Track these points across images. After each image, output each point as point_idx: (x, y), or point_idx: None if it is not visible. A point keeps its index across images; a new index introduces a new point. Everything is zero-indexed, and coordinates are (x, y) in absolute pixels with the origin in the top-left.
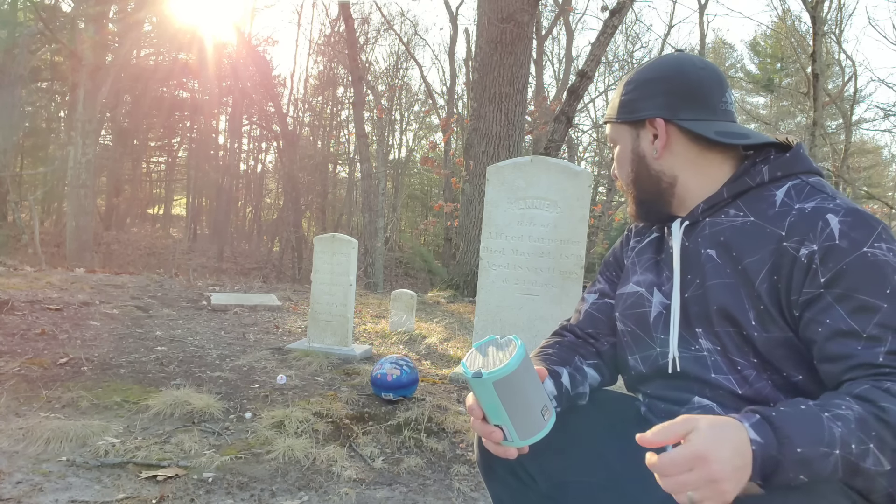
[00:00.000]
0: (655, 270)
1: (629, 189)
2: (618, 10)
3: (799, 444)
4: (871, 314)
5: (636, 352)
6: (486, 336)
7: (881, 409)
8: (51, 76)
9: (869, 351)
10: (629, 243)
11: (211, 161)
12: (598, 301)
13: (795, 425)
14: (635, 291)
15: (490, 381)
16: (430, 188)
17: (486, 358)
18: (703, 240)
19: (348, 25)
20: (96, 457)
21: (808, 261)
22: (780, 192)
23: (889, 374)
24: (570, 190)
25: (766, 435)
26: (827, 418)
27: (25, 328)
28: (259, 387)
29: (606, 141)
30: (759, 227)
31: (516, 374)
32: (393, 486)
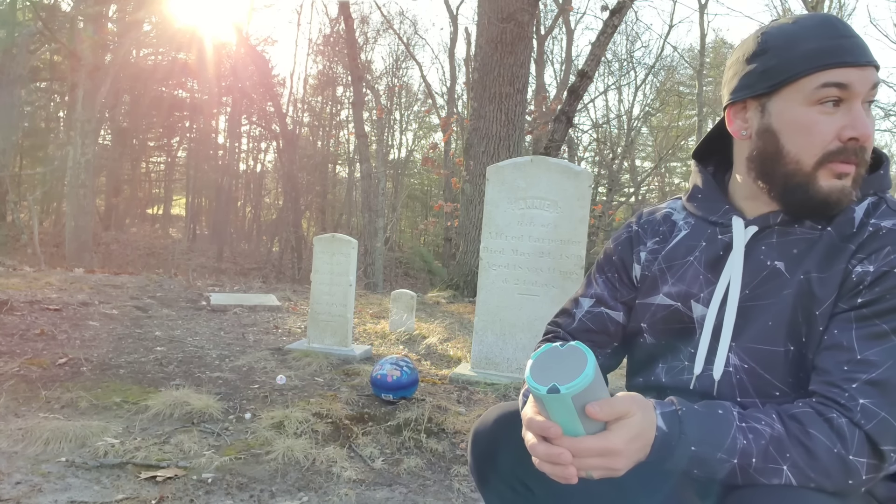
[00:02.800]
0: (690, 278)
1: (869, 159)
2: (618, 10)
3: (694, 443)
4: (880, 342)
5: (667, 361)
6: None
7: (808, 435)
8: (50, 76)
9: (850, 374)
10: (643, 242)
11: (210, 161)
12: (594, 309)
13: (699, 426)
14: (668, 305)
15: (569, 396)
16: (430, 188)
17: (553, 369)
18: (771, 249)
19: (348, 25)
20: (95, 457)
21: (858, 280)
22: (860, 209)
23: (844, 405)
24: (571, 190)
25: (671, 426)
26: (738, 428)
27: (24, 328)
28: (258, 387)
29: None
30: (835, 243)
31: (593, 385)
32: (393, 486)
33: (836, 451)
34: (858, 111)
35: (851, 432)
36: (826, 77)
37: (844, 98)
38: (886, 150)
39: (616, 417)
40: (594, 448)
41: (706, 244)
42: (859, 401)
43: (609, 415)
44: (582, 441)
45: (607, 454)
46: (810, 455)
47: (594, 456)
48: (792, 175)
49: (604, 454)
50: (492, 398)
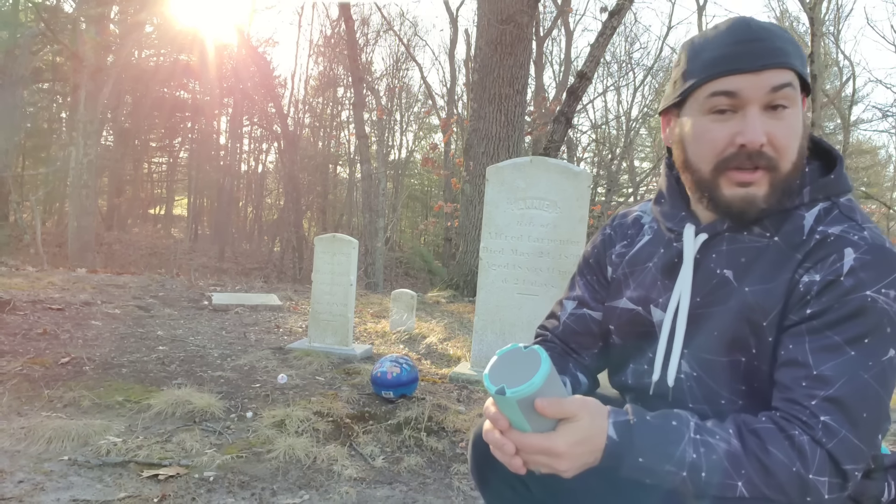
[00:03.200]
0: (649, 283)
1: (791, 168)
2: (617, 12)
3: (641, 454)
4: (834, 356)
5: (631, 363)
6: (487, 331)
7: (766, 451)
8: (52, 77)
9: (808, 391)
10: (613, 245)
11: (212, 161)
12: (577, 311)
13: (648, 437)
14: (630, 309)
15: (514, 399)
16: (430, 188)
17: (510, 370)
18: (721, 257)
19: (348, 26)
20: (98, 456)
21: (805, 290)
22: (810, 215)
23: (805, 422)
24: (570, 190)
25: (622, 435)
26: (689, 440)
27: (27, 328)
28: (260, 386)
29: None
30: (783, 252)
31: (541, 391)
32: (393, 484)
33: (795, 469)
34: (751, 117)
35: (812, 450)
36: (715, 86)
37: (737, 106)
38: (884, 150)
39: (563, 417)
40: (536, 446)
41: (663, 251)
42: (820, 418)
43: (556, 413)
44: (526, 437)
45: (549, 454)
46: (767, 472)
47: (537, 453)
48: (699, 183)
49: (546, 453)
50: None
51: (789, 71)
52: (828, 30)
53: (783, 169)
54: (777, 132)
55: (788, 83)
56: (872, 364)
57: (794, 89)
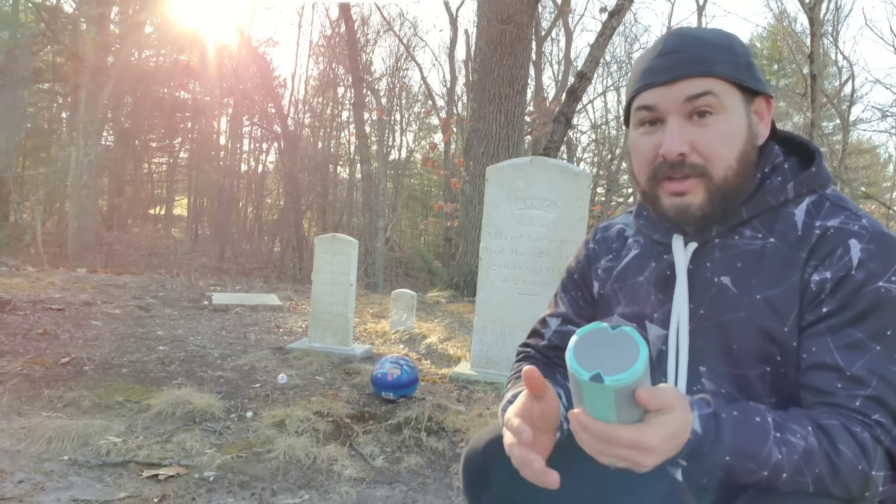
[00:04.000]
0: (642, 299)
1: (727, 173)
2: (616, 12)
3: (729, 453)
4: (861, 353)
5: None
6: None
7: (837, 450)
8: (52, 77)
9: (848, 392)
10: (598, 260)
11: (212, 162)
12: (562, 328)
13: (737, 436)
14: None
15: (612, 389)
16: (430, 189)
17: (599, 353)
18: (715, 265)
19: (348, 27)
20: (98, 456)
21: (819, 289)
22: (800, 210)
23: (862, 420)
24: (570, 190)
25: (707, 430)
26: (775, 439)
27: (27, 328)
28: (260, 386)
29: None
30: (784, 252)
31: (641, 380)
32: (393, 484)
33: (861, 467)
34: (668, 128)
35: (874, 448)
36: (638, 101)
37: (658, 118)
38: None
39: (660, 408)
40: (627, 439)
41: (654, 264)
42: (872, 416)
43: (657, 404)
44: (616, 429)
45: (639, 448)
46: (836, 471)
47: (625, 447)
48: (643, 195)
49: (635, 447)
50: (491, 397)
51: (710, 79)
52: (827, 30)
53: (716, 175)
54: (700, 139)
55: (707, 91)
56: None
57: (716, 97)
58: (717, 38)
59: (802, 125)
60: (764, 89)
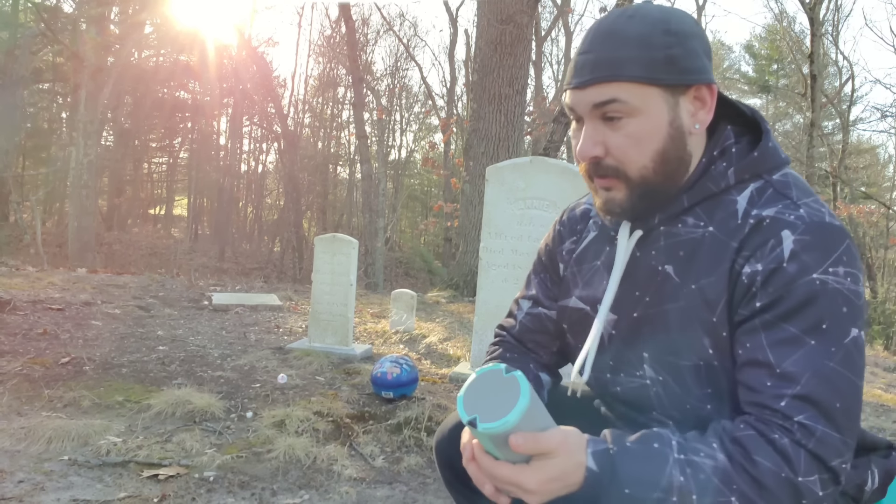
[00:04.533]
0: (596, 283)
1: (643, 172)
2: None
3: (627, 485)
4: (794, 349)
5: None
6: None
7: (752, 462)
8: (52, 77)
9: (775, 392)
10: (563, 241)
11: (212, 162)
12: (532, 310)
13: (632, 466)
14: (580, 308)
15: (485, 436)
16: (430, 188)
17: (487, 396)
18: (659, 253)
19: (348, 27)
20: (98, 456)
21: (750, 282)
22: (743, 198)
23: (781, 425)
24: (570, 190)
25: (602, 466)
26: (675, 462)
27: (27, 328)
28: (260, 386)
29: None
30: (719, 242)
31: (517, 427)
32: (393, 484)
33: (784, 475)
34: (584, 131)
35: (796, 453)
36: (564, 99)
37: (579, 118)
38: (883, 150)
39: (539, 453)
40: (505, 477)
41: (608, 248)
42: (794, 418)
43: (531, 450)
44: (497, 466)
45: (518, 487)
46: (758, 484)
47: (507, 484)
48: (588, 185)
49: (515, 486)
50: None
51: (616, 84)
52: (827, 30)
53: (633, 175)
54: (612, 143)
55: (612, 99)
56: (835, 350)
57: (623, 102)
58: (635, 32)
59: (802, 125)
60: (694, 80)
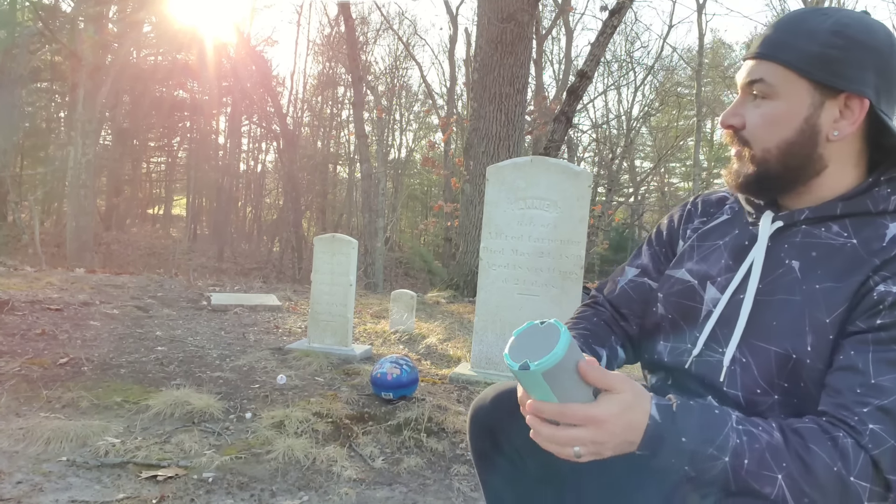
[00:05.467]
0: (713, 260)
1: (765, 155)
2: (617, 10)
3: (685, 434)
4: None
5: (670, 340)
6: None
7: (807, 449)
8: (50, 76)
9: (862, 398)
10: (692, 220)
11: (211, 161)
12: (638, 279)
13: (691, 419)
14: (687, 281)
15: (539, 373)
16: (430, 188)
17: (530, 347)
18: (791, 247)
19: (348, 26)
20: (96, 457)
21: (879, 299)
22: (895, 226)
23: (851, 427)
24: (570, 190)
25: (664, 416)
26: (732, 428)
27: (26, 328)
28: (259, 387)
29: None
30: (858, 255)
31: (564, 360)
32: (393, 485)
33: (836, 469)
34: (735, 101)
35: (856, 454)
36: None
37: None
38: None
39: (604, 388)
40: (578, 415)
41: (738, 231)
42: (869, 425)
43: (597, 379)
44: (566, 406)
45: (591, 423)
46: (807, 469)
47: (578, 425)
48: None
49: (588, 422)
50: None
51: (770, 64)
52: None
53: (756, 154)
54: (749, 118)
55: (759, 78)
56: None
57: (768, 84)
58: (810, 25)
59: None
60: (846, 87)
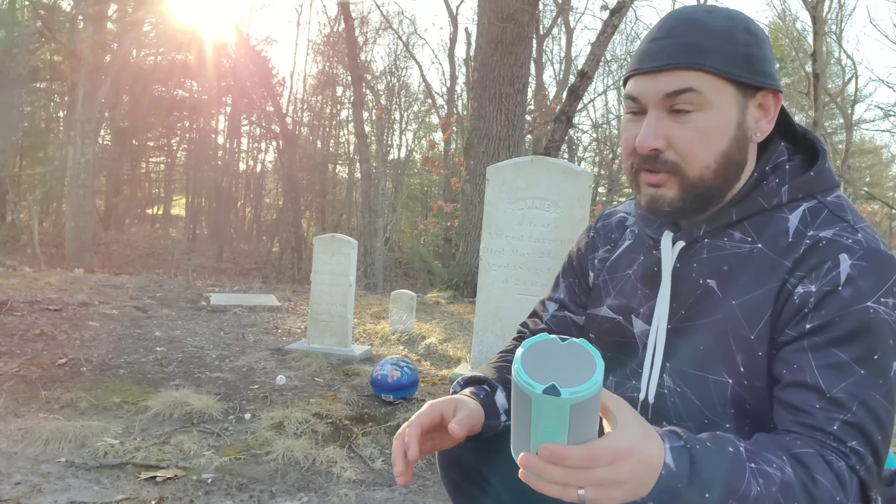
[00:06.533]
0: (629, 292)
1: (703, 173)
2: (618, 10)
3: (709, 489)
4: (844, 376)
5: (617, 375)
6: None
7: (813, 480)
8: (50, 76)
9: (826, 415)
10: (596, 249)
11: (210, 161)
12: (558, 313)
13: (715, 469)
14: (611, 318)
15: (569, 403)
16: (429, 188)
17: (550, 366)
18: (701, 266)
19: (348, 25)
20: (95, 458)
21: (802, 302)
22: (795, 216)
23: (836, 448)
24: (571, 190)
25: (680, 465)
26: (751, 471)
27: (24, 329)
28: (258, 387)
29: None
30: (768, 259)
31: (598, 395)
32: (392, 487)
33: (839, 499)
34: (647, 120)
35: (850, 479)
36: (626, 88)
37: (642, 108)
38: (886, 150)
39: (612, 411)
40: (608, 453)
41: (643, 258)
42: (848, 443)
43: (618, 408)
44: (596, 446)
45: (620, 457)
46: (813, 501)
47: (605, 465)
48: (629, 182)
49: (616, 458)
50: None
51: (695, 73)
52: (830, 28)
53: (691, 174)
54: (677, 136)
55: (688, 88)
56: (882, 382)
57: (698, 94)
58: (718, 24)
59: (805, 124)
60: (767, 84)
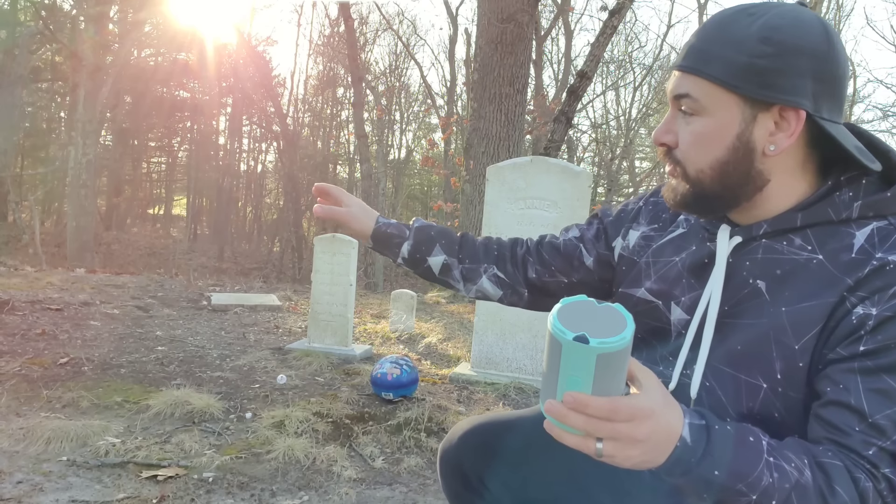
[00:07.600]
0: (673, 279)
1: (699, 175)
2: (617, 11)
3: (719, 468)
4: (889, 403)
5: (639, 358)
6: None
7: (832, 490)
8: (51, 76)
9: (864, 438)
10: (638, 221)
11: (211, 161)
12: (575, 241)
13: (729, 451)
14: (649, 301)
15: (595, 353)
16: (430, 188)
17: (584, 321)
18: (755, 265)
19: (348, 26)
20: (97, 457)
21: (859, 323)
22: (862, 234)
23: (868, 470)
24: (570, 190)
25: (696, 441)
26: (767, 462)
27: (26, 328)
28: (259, 387)
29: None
30: (827, 272)
31: (627, 349)
32: (393, 485)
33: None
34: (666, 116)
35: (875, 501)
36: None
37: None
38: None
39: (639, 379)
40: (629, 410)
41: (695, 248)
42: (882, 470)
43: (645, 376)
44: (618, 400)
45: (641, 417)
46: None
47: (625, 420)
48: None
49: (636, 417)
50: (491, 397)
51: (696, 79)
52: None
53: (690, 174)
54: (680, 136)
55: (685, 93)
56: None
57: (694, 100)
58: (737, 32)
59: None
60: (778, 99)
